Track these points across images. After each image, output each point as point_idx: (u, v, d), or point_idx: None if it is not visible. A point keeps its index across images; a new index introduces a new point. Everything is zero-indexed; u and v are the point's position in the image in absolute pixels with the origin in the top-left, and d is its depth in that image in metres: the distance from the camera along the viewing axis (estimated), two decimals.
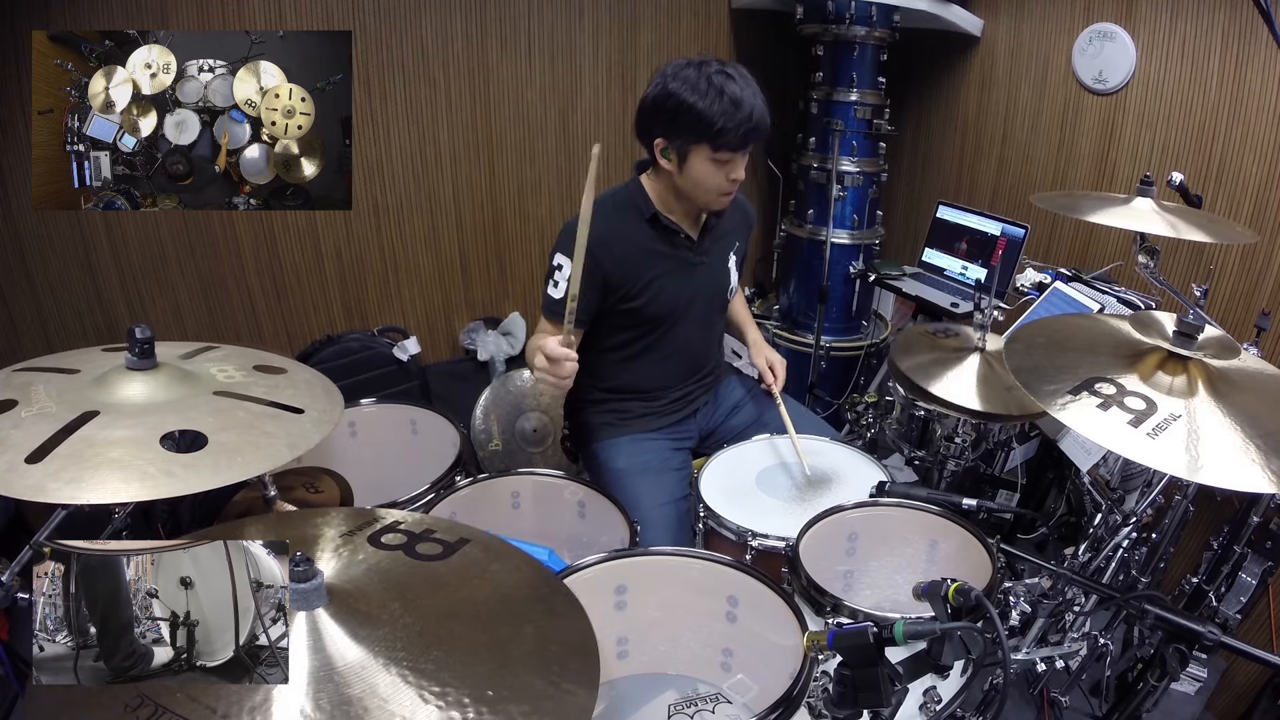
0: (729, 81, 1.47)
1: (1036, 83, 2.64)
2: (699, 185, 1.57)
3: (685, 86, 1.48)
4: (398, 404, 1.88)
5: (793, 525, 1.36)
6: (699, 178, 1.56)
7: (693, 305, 1.74)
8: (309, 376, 1.15)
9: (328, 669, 0.67)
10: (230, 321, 2.41)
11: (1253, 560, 1.79)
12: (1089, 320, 1.43)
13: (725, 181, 1.56)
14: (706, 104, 1.46)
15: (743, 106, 1.47)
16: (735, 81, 1.48)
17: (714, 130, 1.48)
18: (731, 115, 1.47)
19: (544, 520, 1.59)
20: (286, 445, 0.95)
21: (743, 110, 1.47)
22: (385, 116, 2.46)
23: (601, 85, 2.82)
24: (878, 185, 2.90)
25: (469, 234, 2.75)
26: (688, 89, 1.47)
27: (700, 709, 1.27)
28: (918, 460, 2.15)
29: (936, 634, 0.87)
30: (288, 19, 2.23)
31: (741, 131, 1.48)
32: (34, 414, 0.91)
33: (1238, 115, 2.11)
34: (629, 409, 1.80)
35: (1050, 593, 1.43)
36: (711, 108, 1.46)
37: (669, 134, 1.54)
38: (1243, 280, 2.13)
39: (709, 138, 1.49)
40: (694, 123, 1.48)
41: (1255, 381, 1.12)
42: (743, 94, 1.47)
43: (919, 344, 1.80)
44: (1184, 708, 1.89)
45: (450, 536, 0.89)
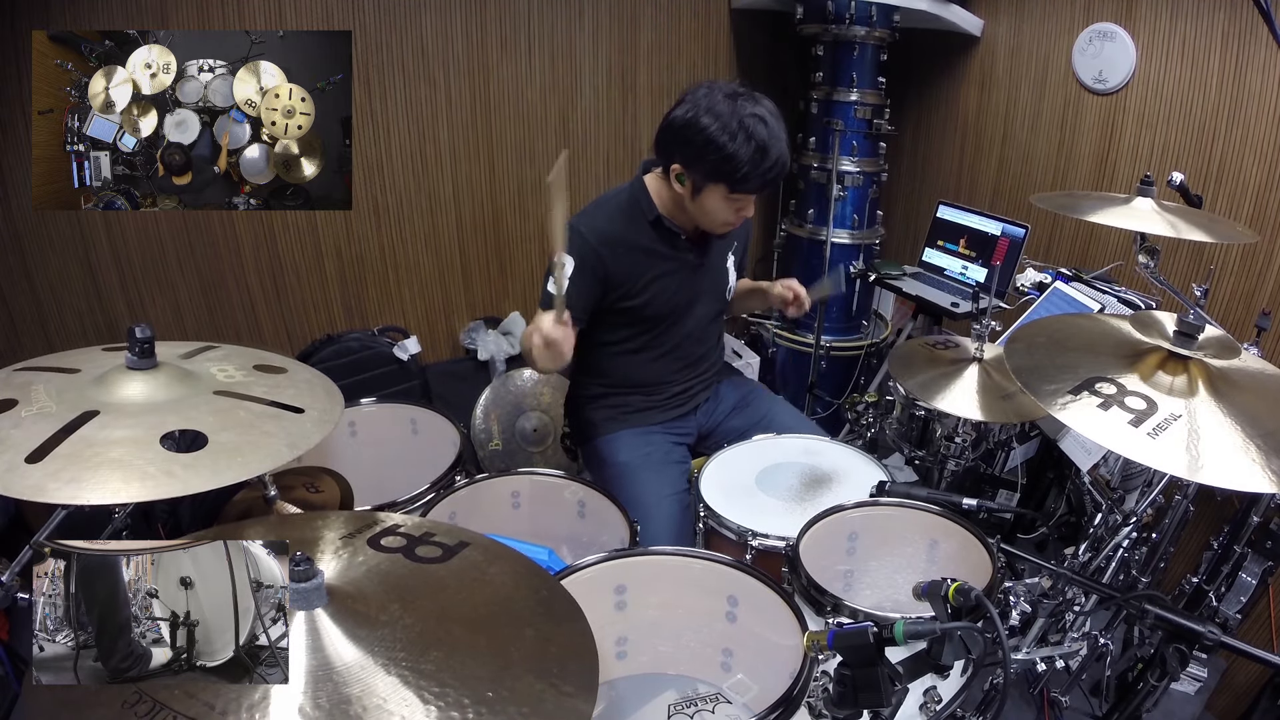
0: (760, 125, 1.44)
1: (1036, 83, 2.64)
2: (708, 216, 1.57)
3: (716, 123, 1.44)
4: (398, 404, 1.89)
5: (793, 525, 1.36)
6: (709, 210, 1.55)
7: (693, 305, 1.74)
8: (309, 376, 1.15)
9: (326, 669, 0.67)
10: (230, 321, 2.41)
11: (1253, 560, 1.79)
12: (1089, 320, 1.43)
13: (734, 216, 1.56)
14: (735, 147, 1.43)
15: (769, 155, 1.45)
16: (766, 125, 1.45)
17: (737, 176, 1.46)
18: (757, 163, 1.45)
19: (544, 520, 1.59)
20: (287, 445, 0.95)
21: (769, 159, 1.45)
22: (385, 116, 2.46)
23: (601, 85, 2.82)
24: (878, 185, 2.90)
25: (469, 233, 2.75)
26: (718, 126, 1.44)
27: (700, 709, 1.27)
28: (918, 460, 2.15)
29: (936, 634, 0.87)
30: (288, 19, 2.23)
31: (763, 179, 1.47)
32: (34, 414, 0.90)
33: (1238, 115, 2.11)
34: (629, 403, 1.80)
35: (1050, 593, 1.43)
36: (739, 152, 1.43)
37: (689, 164, 1.51)
38: (1243, 280, 2.13)
39: (729, 180, 1.48)
40: (718, 163, 1.46)
41: (1255, 381, 1.12)
42: (770, 141, 1.45)
43: (918, 358, 1.80)
44: (1184, 708, 1.89)
45: (450, 540, 0.89)
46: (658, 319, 1.71)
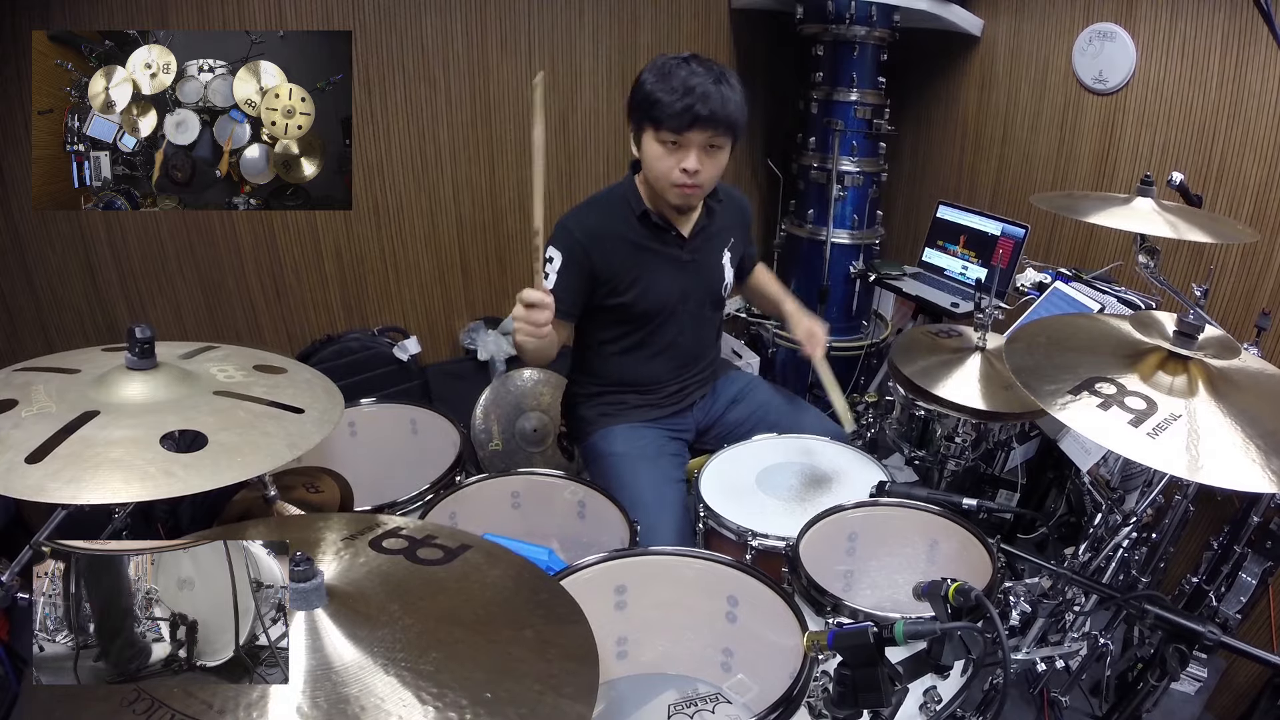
0: (687, 68, 1.49)
1: (1036, 83, 2.64)
2: (650, 170, 1.58)
3: (650, 71, 1.51)
4: (398, 404, 1.88)
5: (793, 525, 1.36)
6: (649, 160, 1.57)
7: (684, 302, 1.74)
8: (309, 376, 1.15)
9: (325, 668, 0.67)
10: (230, 321, 2.41)
11: (1253, 560, 1.79)
12: (1089, 320, 1.43)
13: (675, 170, 1.53)
14: (655, 84, 1.49)
15: (693, 92, 1.46)
16: (697, 73, 1.48)
17: (654, 112, 1.49)
18: (676, 96, 1.47)
19: (544, 520, 1.59)
20: (286, 445, 0.94)
21: (692, 95, 1.46)
22: (385, 116, 2.46)
23: (601, 85, 2.82)
24: (878, 185, 2.90)
25: (469, 234, 2.75)
26: (650, 72, 1.51)
27: (700, 709, 1.26)
28: (918, 460, 2.15)
29: (936, 634, 0.87)
30: (288, 19, 2.23)
31: (679, 109, 1.46)
32: (34, 414, 0.90)
33: (1238, 115, 2.11)
34: (625, 401, 1.80)
35: (1050, 593, 1.44)
36: (658, 86, 1.48)
37: (630, 116, 1.57)
38: (1243, 280, 2.13)
39: (650, 116, 1.51)
40: (642, 100, 1.51)
41: (1255, 381, 1.12)
42: (696, 81, 1.47)
43: (920, 345, 1.80)
44: (1184, 708, 1.89)
45: (452, 542, 0.89)
46: (648, 316, 1.71)
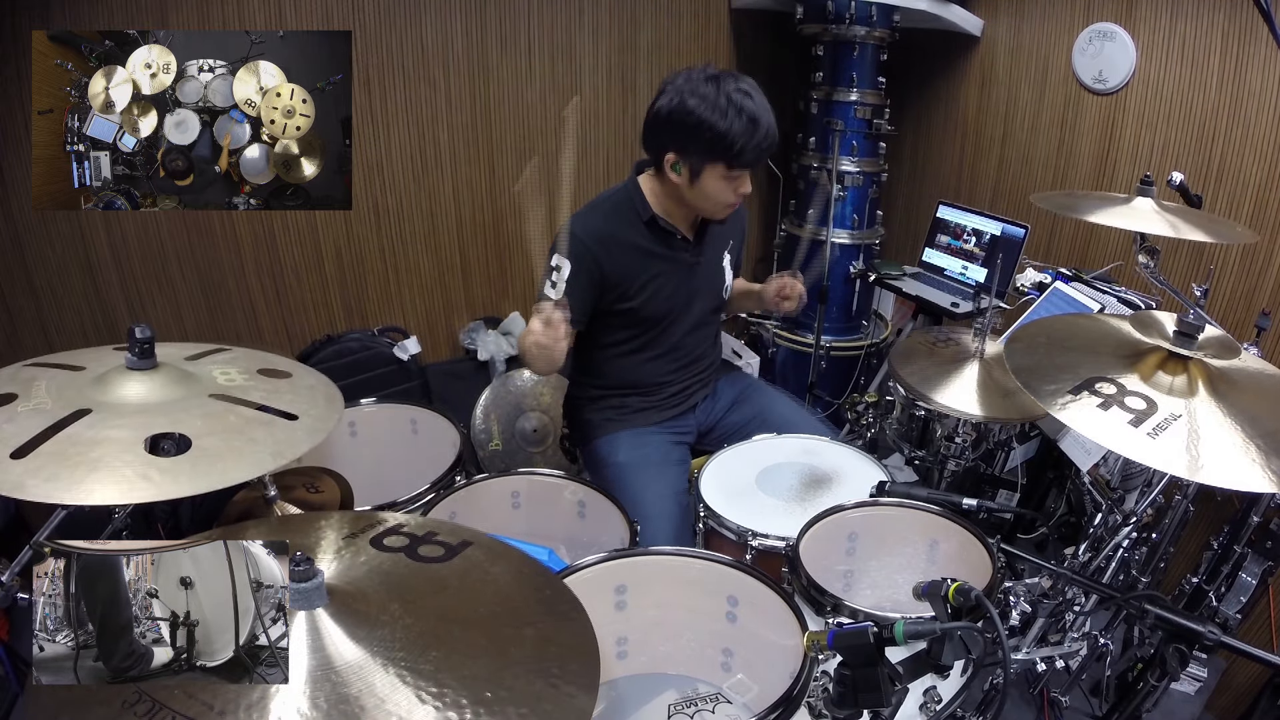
0: (746, 99, 1.47)
1: (1036, 83, 2.63)
2: (709, 199, 1.58)
3: (704, 104, 1.46)
4: (398, 404, 1.88)
5: (793, 525, 1.36)
6: (710, 193, 1.56)
7: (690, 305, 1.74)
8: (313, 381, 1.14)
9: (325, 668, 0.67)
10: (230, 321, 2.41)
11: (1253, 560, 1.79)
12: (1089, 320, 1.43)
13: (734, 196, 1.58)
14: (726, 124, 1.45)
15: (760, 126, 1.47)
16: (752, 99, 1.48)
17: (734, 151, 1.48)
18: (750, 135, 1.47)
19: (544, 520, 1.59)
20: (271, 453, 0.92)
21: (760, 130, 1.48)
22: (385, 116, 2.46)
23: (601, 85, 2.82)
24: (878, 185, 2.90)
25: (469, 234, 2.75)
26: (706, 107, 1.46)
27: (700, 709, 1.27)
28: (918, 460, 2.15)
29: (936, 634, 0.87)
30: (288, 19, 2.22)
31: (759, 151, 1.49)
32: (30, 409, 0.90)
33: (1238, 115, 2.11)
34: (627, 404, 1.80)
35: (1050, 593, 1.43)
36: (732, 127, 1.46)
37: (683, 149, 1.53)
38: (1243, 280, 2.13)
39: (726, 157, 1.49)
40: (713, 141, 1.47)
41: (1255, 381, 1.12)
42: (759, 112, 1.48)
43: (918, 353, 1.79)
44: (1184, 708, 1.89)
45: (453, 539, 0.89)
46: (655, 319, 1.71)
